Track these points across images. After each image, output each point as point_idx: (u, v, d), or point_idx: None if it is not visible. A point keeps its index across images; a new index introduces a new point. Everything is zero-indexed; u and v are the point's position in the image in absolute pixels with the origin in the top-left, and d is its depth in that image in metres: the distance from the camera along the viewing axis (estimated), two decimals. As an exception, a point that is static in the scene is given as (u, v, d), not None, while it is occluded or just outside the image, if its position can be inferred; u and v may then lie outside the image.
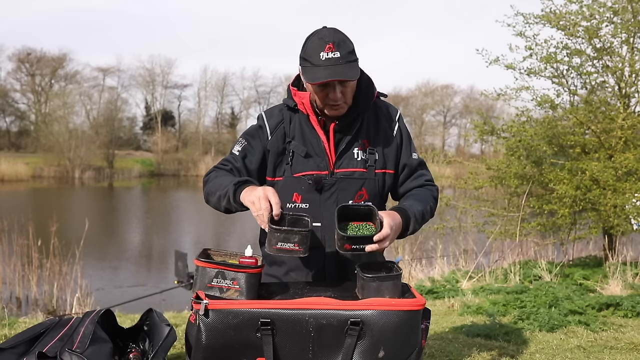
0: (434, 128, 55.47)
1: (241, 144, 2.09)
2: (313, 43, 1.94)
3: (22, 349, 2.00)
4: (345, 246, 1.76)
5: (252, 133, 2.10)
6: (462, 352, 2.95)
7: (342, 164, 2.03)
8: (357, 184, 2.03)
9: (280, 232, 1.73)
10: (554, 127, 7.58)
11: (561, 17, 7.59)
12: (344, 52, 1.91)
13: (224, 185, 1.93)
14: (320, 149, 2.03)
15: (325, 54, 1.90)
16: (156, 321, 2.22)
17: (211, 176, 2.03)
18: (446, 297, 5.33)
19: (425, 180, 2.15)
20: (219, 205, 1.96)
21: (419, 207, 2.02)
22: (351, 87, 1.99)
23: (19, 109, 51.38)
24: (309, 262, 2.03)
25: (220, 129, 56.63)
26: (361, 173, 2.04)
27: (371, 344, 1.73)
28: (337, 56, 1.90)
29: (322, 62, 1.90)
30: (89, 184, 36.85)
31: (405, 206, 2.00)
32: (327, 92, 1.94)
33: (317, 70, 1.90)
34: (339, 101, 1.96)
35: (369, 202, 2.02)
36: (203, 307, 1.71)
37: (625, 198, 6.96)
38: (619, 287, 5.63)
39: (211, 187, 1.99)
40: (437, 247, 8.85)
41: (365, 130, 2.07)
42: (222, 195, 1.92)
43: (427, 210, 2.06)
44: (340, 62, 1.90)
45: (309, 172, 2.02)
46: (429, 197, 2.10)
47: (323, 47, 1.90)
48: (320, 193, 2.01)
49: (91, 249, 11.59)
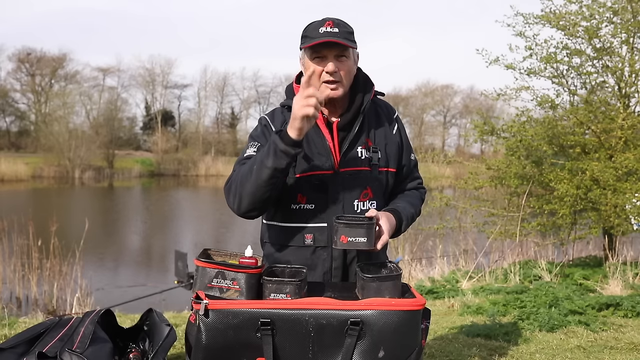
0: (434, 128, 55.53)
1: (254, 145, 2.00)
2: (314, 22, 2.00)
3: (22, 349, 2.00)
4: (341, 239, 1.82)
5: (260, 135, 2.05)
6: (462, 352, 2.95)
7: (347, 163, 2.01)
8: (362, 183, 2.02)
9: (272, 283, 1.77)
10: (554, 127, 7.58)
11: (561, 17, 7.59)
12: (342, 30, 1.96)
13: (257, 157, 1.86)
14: (324, 149, 2.01)
15: (324, 28, 1.94)
16: (156, 321, 2.22)
17: (233, 175, 1.96)
18: (446, 297, 5.33)
19: (418, 183, 2.23)
20: (261, 174, 1.83)
21: (411, 209, 2.10)
22: (348, 68, 1.98)
23: (19, 109, 51.43)
24: (317, 262, 2.02)
25: (220, 129, 56.67)
26: (366, 172, 2.03)
27: (371, 344, 1.72)
28: (335, 31, 1.94)
29: (319, 35, 1.94)
30: (89, 184, 36.83)
31: (399, 208, 2.05)
32: (324, 65, 1.95)
33: (314, 40, 1.94)
34: (334, 76, 1.94)
35: (374, 200, 2.03)
36: (203, 307, 1.71)
37: (625, 198, 6.96)
38: (619, 287, 5.63)
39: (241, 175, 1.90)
40: (437, 247, 8.85)
41: (367, 129, 2.07)
42: (264, 157, 1.83)
43: (417, 212, 2.15)
44: (338, 36, 1.93)
45: (313, 172, 1.99)
46: (419, 200, 2.20)
47: (323, 23, 1.96)
48: (326, 193, 1.99)
49: (91, 249, 11.57)
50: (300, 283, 1.78)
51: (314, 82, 1.92)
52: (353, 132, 2.02)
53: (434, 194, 9.41)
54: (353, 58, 2.02)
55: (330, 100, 2.00)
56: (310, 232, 1.99)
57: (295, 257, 2.02)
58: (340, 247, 1.84)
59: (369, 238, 1.82)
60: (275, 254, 2.06)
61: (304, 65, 2.03)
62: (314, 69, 1.94)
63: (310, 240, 2.00)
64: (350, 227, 1.82)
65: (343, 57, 1.96)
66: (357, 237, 1.81)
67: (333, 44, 1.92)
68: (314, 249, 2.00)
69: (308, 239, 2.00)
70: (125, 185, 37.10)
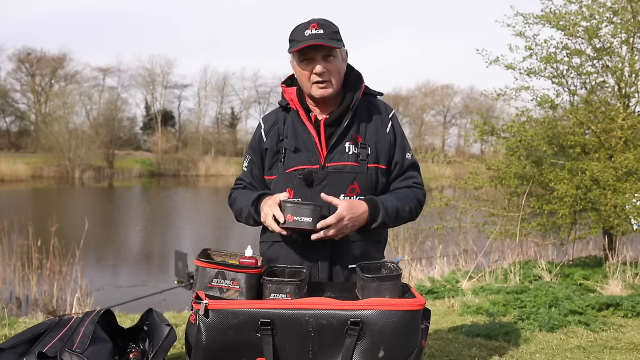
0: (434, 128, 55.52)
1: (247, 159, 2.23)
2: (299, 25, 2.04)
3: (22, 349, 2.00)
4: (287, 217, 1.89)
5: (252, 145, 2.22)
6: (462, 352, 2.95)
7: (334, 158, 2.05)
8: (348, 177, 2.04)
9: (272, 283, 1.80)
10: (554, 127, 7.57)
11: (561, 17, 7.59)
12: (327, 30, 2.00)
13: (244, 206, 2.12)
14: (311, 144, 2.06)
15: (309, 31, 2.00)
16: (156, 321, 2.22)
17: (232, 198, 2.23)
18: (446, 297, 5.33)
19: (413, 182, 2.16)
20: (250, 223, 2.15)
21: (394, 202, 2.04)
22: (336, 67, 2.04)
23: (19, 109, 51.45)
24: (303, 258, 2.04)
25: (220, 129, 56.67)
26: (352, 167, 2.05)
27: (371, 344, 1.73)
28: (320, 32, 1.99)
29: (305, 38, 1.99)
30: (89, 184, 36.82)
31: (376, 198, 2.03)
32: (312, 68, 2.01)
33: (300, 44, 1.98)
34: (323, 77, 2.00)
35: (361, 196, 2.04)
36: (203, 307, 1.72)
37: (625, 198, 6.96)
38: (619, 287, 5.62)
39: (237, 209, 2.18)
40: (437, 247, 8.85)
41: (357, 125, 2.09)
42: (247, 217, 2.12)
43: (406, 209, 2.07)
44: (323, 38, 1.98)
45: (300, 167, 2.05)
46: (412, 198, 2.11)
47: (307, 26, 2.01)
48: (311, 187, 2.03)
49: (91, 249, 11.58)
50: (300, 283, 1.78)
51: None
52: (341, 128, 2.06)
53: (434, 194, 9.41)
54: (341, 56, 2.06)
55: (322, 99, 2.06)
56: None
57: (284, 253, 2.06)
58: (287, 225, 1.89)
59: (314, 219, 1.89)
60: (267, 251, 2.11)
61: (294, 69, 2.09)
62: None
63: (296, 236, 2.01)
64: (297, 207, 1.90)
65: (330, 57, 2.02)
66: (302, 216, 1.89)
67: (319, 46, 1.97)
68: (301, 244, 2.03)
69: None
70: (125, 185, 37.09)
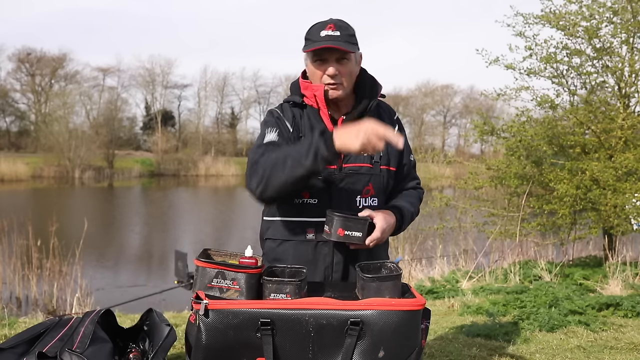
0: (434, 128, 55.55)
1: (274, 130, 1.98)
2: (316, 24, 2.03)
3: (22, 349, 2.00)
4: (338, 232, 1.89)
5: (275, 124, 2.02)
6: (462, 352, 2.95)
7: (350, 159, 2.04)
8: (364, 179, 2.05)
9: (272, 283, 1.78)
10: (554, 127, 7.58)
11: (561, 17, 7.59)
12: (344, 32, 1.99)
13: (293, 152, 1.80)
14: None
15: (325, 32, 1.98)
16: (156, 321, 2.22)
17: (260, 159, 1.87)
18: (446, 297, 5.33)
19: (416, 183, 2.27)
20: (296, 174, 1.79)
21: (411, 208, 2.15)
22: (349, 70, 2.01)
23: (19, 109, 51.49)
24: (318, 257, 2.03)
25: (220, 129, 56.70)
26: (368, 168, 2.06)
27: (371, 344, 1.72)
28: (337, 34, 1.97)
29: (321, 38, 1.97)
30: (89, 184, 36.82)
31: (400, 207, 2.10)
32: (324, 69, 1.99)
33: (316, 44, 1.97)
34: (335, 79, 1.99)
35: (375, 197, 2.07)
36: (203, 307, 1.71)
37: (625, 198, 6.96)
38: (619, 287, 5.63)
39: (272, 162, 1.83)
40: (437, 247, 8.84)
41: None
42: (302, 156, 1.77)
43: (416, 212, 2.20)
44: (339, 40, 1.96)
45: None
46: (418, 200, 2.24)
47: (324, 26, 2.00)
48: (330, 188, 2.02)
49: (91, 249, 11.58)
50: (300, 283, 1.78)
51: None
52: None
53: (434, 194, 9.41)
54: (355, 60, 2.05)
55: (332, 100, 2.05)
56: (312, 226, 2.01)
57: (296, 252, 2.03)
58: (335, 238, 1.90)
59: (364, 234, 1.92)
60: (276, 249, 2.07)
61: (307, 67, 2.08)
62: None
63: (312, 235, 2.01)
64: (349, 221, 1.90)
65: (344, 60, 2.00)
66: (355, 231, 1.90)
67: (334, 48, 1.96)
68: (316, 244, 2.02)
69: (310, 233, 2.02)
70: (125, 185, 37.08)
